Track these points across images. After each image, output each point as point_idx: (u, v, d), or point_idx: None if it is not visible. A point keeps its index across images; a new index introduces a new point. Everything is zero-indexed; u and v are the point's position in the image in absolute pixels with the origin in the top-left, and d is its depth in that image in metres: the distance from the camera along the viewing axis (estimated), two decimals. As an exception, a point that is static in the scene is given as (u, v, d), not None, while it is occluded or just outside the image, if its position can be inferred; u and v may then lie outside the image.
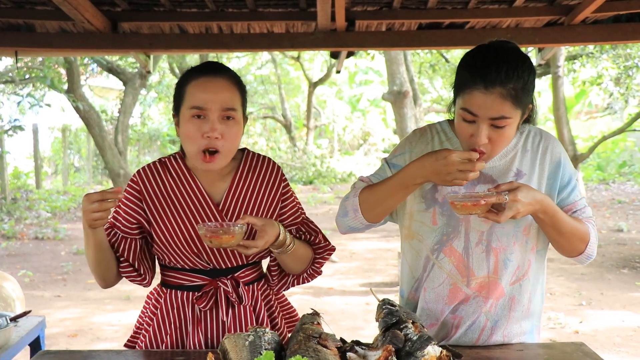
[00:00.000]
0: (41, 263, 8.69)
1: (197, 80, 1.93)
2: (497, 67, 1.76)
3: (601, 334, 5.48)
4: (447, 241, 1.96)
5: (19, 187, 14.92)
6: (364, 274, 7.86)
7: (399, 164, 2.01)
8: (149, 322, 2.09)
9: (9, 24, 3.72)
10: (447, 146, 1.98)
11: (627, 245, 9.22)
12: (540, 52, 4.50)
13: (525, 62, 1.81)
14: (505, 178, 1.94)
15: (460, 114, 1.83)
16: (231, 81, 1.95)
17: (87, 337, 5.61)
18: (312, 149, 20.90)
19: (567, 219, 1.89)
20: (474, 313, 1.97)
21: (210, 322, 2.03)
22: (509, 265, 1.95)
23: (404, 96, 9.46)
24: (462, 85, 1.83)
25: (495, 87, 1.75)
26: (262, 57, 20.83)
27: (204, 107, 1.89)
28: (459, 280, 1.96)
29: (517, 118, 1.82)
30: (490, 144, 1.82)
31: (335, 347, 1.68)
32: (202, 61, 14.15)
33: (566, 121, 10.47)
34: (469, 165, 1.75)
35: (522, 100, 1.79)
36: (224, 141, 1.91)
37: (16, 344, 2.73)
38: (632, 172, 17.09)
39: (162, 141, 21.23)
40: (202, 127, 1.89)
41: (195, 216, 1.99)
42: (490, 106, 1.76)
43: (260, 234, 1.89)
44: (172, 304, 2.05)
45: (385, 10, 3.61)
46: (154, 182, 2.02)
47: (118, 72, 12.95)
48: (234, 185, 2.03)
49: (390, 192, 1.91)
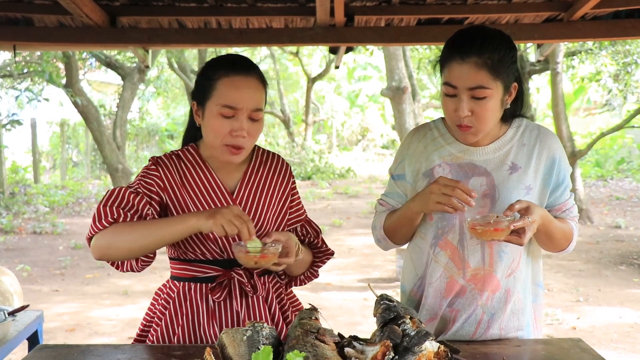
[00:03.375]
0: (39, 257, 8.69)
1: (229, 78, 1.92)
2: (473, 39, 1.85)
3: (598, 330, 5.50)
4: (442, 235, 1.98)
5: (17, 182, 14.91)
6: (361, 269, 7.87)
7: (401, 174, 2.08)
8: (160, 317, 2.07)
9: (7, 18, 3.71)
10: (440, 141, 2.03)
11: (625, 242, 9.23)
12: (539, 48, 4.49)
13: (503, 38, 1.88)
14: (499, 171, 1.96)
15: (443, 90, 1.90)
16: (260, 80, 1.97)
17: (85, 331, 5.62)
18: (310, 144, 20.89)
19: (558, 225, 1.95)
20: (470, 305, 1.98)
21: (225, 314, 2.03)
22: (504, 258, 1.96)
23: (402, 92, 9.46)
24: (442, 62, 1.91)
25: (470, 56, 1.82)
26: (261, 52, 20.81)
27: (236, 107, 1.90)
28: (455, 272, 1.98)
29: (498, 91, 1.85)
30: (474, 118, 1.86)
31: (333, 343, 1.68)
32: (201, 56, 13.98)
33: (565, 117, 10.47)
34: (449, 190, 1.80)
35: (500, 71, 1.83)
36: (249, 138, 1.94)
37: (14, 338, 2.73)
38: (630, 168, 17.11)
39: (161, 136, 21.24)
40: (232, 124, 1.90)
41: (210, 204, 2.00)
42: (467, 75, 1.82)
43: (288, 249, 1.93)
44: (185, 297, 2.04)
45: (384, 5, 3.61)
46: (173, 170, 2.02)
47: (116, 66, 12.92)
48: (246, 177, 2.06)
49: (403, 222, 2.04)
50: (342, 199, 14.18)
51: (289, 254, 1.93)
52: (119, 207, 1.90)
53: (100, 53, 12.14)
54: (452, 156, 2.00)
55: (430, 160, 2.02)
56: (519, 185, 1.95)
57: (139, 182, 1.98)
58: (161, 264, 1.87)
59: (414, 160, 2.05)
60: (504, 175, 1.95)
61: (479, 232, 1.78)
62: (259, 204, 2.05)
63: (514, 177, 1.95)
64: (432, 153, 2.02)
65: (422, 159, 2.03)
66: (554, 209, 2.01)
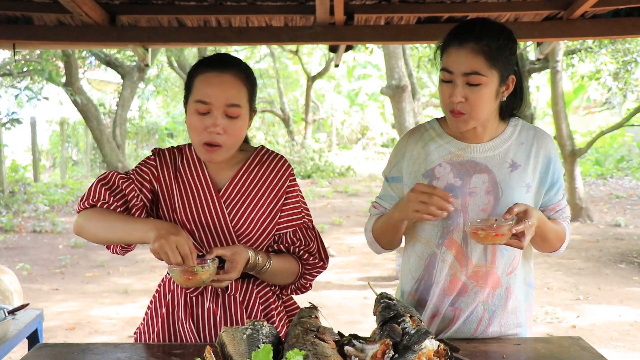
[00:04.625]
0: (39, 256, 8.69)
1: (204, 74, 1.94)
2: (472, 26, 1.87)
3: (598, 329, 5.50)
4: (448, 234, 1.98)
5: (16, 181, 14.91)
6: (361, 268, 7.87)
7: (397, 176, 2.07)
8: (146, 312, 2.15)
9: (6, 16, 3.70)
10: (438, 141, 2.02)
11: (625, 240, 9.23)
12: (539, 46, 4.49)
13: (503, 29, 1.88)
14: (500, 168, 1.96)
15: (440, 76, 1.91)
16: (238, 76, 1.95)
17: (84, 330, 5.62)
18: (310, 143, 20.88)
19: (552, 227, 1.96)
20: (472, 303, 1.98)
21: (200, 311, 2.05)
22: (505, 255, 1.97)
23: (402, 90, 9.46)
24: (442, 49, 1.92)
25: (468, 42, 1.83)
26: (261, 50, 20.79)
27: (208, 102, 1.90)
28: (458, 270, 1.98)
29: (494, 80, 1.85)
30: (468, 105, 1.86)
31: (333, 341, 1.68)
32: (201, 54, 14.05)
33: (564, 116, 10.47)
34: (425, 197, 1.80)
35: (497, 59, 1.83)
36: (227, 136, 1.92)
37: (14, 336, 2.74)
38: (630, 167, 17.11)
39: (160, 135, 21.22)
40: (205, 121, 1.91)
41: (197, 201, 2.02)
42: (463, 60, 1.83)
43: (232, 264, 1.90)
44: (166, 293, 2.10)
45: (384, 4, 3.60)
46: (170, 162, 2.06)
47: (116, 65, 12.92)
48: (238, 176, 2.05)
49: (387, 229, 2.06)
50: (342, 198, 14.17)
51: (231, 270, 1.89)
52: (107, 190, 1.97)
53: (99, 51, 12.13)
54: (452, 154, 1.99)
55: (429, 160, 2.00)
56: (520, 183, 1.95)
57: (135, 169, 2.05)
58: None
59: (412, 162, 2.03)
60: (505, 172, 1.96)
61: (480, 236, 1.79)
62: (247, 204, 2.03)
63: (514, 174, 1.96)
64: (431, 153, 2.01)
65: (421, 159, 2.02)
66: (548, 209, 2.02)
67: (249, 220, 2.03)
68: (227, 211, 2.01)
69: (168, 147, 2.11)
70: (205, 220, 2.00)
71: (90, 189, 1.98)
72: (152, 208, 2.06)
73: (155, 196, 2.05)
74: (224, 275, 1.89)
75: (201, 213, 2.01)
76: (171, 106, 23.88)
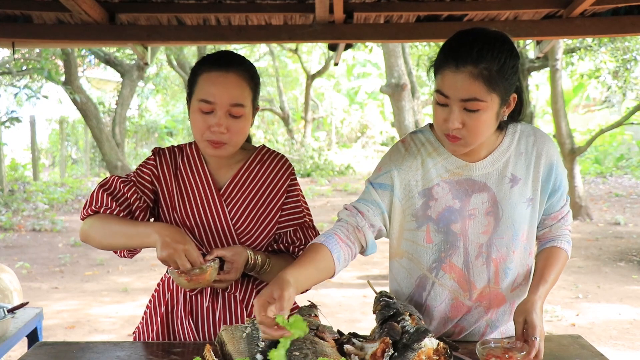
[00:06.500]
0: (39, 255, 8.69)
1: (208, 73, 1.93)
2: (470, 46, 1.67)
3: (598, 327, 5.50)
4: (446, 258, 1.89)
5: (16, 179, 14.91)
6: (361, 266, 7.87)
7: (385, 183, 1.90)
8: (145, 311, 2.15)
9: (5, 15, 3.70)
10: (435, 157, 1.88)
11: (624, 239, 9.24)
12: (539, 45, 4.49)
13: (504, 45, 1.70)
14: (500, 185, 1.86)
15: (435, 97, 1.74)
16: (242, 75, 1.94)
17: (84, 328, 5.62)
18: (309, 141, 20.87)
19: (555, 277, 1.89)
20: (476, 322, 1.96)
21: (199, 309, 2.05)
22: (509, 274, 1.92)
23: (402, 89, 9.44)
24: (436, 68, 1.74)
25: (466, 65, 1.65)
26: (260, 49, 20.78)
27: (212, 101, 1.90)
28: (461, 294, 1.92)
29: (494, 105, 1.70)
30: (465, 130, 1.72)
31: (333, 340, 1.68)
32: (200, 53, 14.03)
33: (564, 114, 10.47)
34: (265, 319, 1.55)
35: (497, 83, 1.67)
36: (230, 134, 1.92)
37: (13, 335, 2.74)
38: (629, 165, 17.12)
39: (160, 133, 21.21)
40: (209, 120, 1.90)
41: (197, 200, 2.02)
42: (461, 85, 1.66)
43: (232, 265, 1.91)
44: (166, 291, 2.11)
45: (383, 2, 3.60)
46: (170, 161, 2.06)
47: (115, 63, 12.92)
48: (239, 175, 2.05)
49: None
50: (342, 196, 14.17)
51: (231, 271, 1.91)
52: (109, 196, 1.97)
53: (99, 50, 12.13)
54: (449, 173, 1.87)
55: (427, 179, 1.87)
56: (521, 199, 1.87)
57: (135, 172, 2.05)
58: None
59: (409, 177, 1.89)
60: (505, 189, 1.86)
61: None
62: (248, 203, 2.04)
63: (515, 190, 1.87)
64: (429, 171, 1.87)
65: (418, 176, 1.88)
66: (550, 218, 1.95)
67: (250, 219, 2.03)
68: (227, 210, 2.01)
69: (168, 146, 2.11)
70: (206, 219, 2.01)
71: (92, 195, 1.98)
72: (155, 208, 2.07)
73: (157, 196, 2.05)
74: (224, 276, 1.90)
75: (202, 212, 2.01)
76: (170, 105, 23.87)
